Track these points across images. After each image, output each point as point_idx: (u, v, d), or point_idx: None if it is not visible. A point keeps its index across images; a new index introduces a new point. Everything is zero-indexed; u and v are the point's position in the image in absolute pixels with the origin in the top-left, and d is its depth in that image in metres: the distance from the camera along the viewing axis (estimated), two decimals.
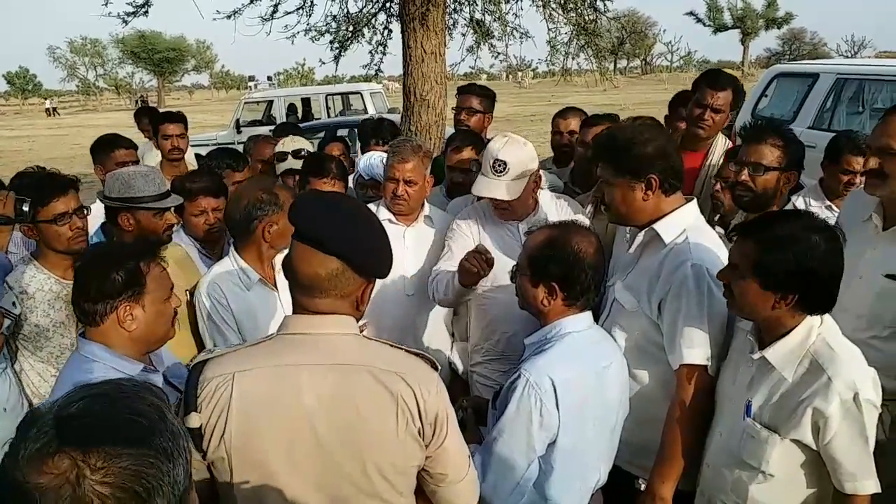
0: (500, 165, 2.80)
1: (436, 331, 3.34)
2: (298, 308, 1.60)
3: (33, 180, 2.69)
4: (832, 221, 2.20)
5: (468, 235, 3.06)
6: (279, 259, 2.69)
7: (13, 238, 3.30)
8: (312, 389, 1.51)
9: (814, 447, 1.91)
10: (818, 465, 1.94)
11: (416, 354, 1.67)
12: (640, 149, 2.21)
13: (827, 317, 1.98)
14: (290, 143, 4.20)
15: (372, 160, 3.77)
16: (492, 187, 2.83)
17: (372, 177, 3.73)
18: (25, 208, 2.39)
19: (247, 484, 1.52)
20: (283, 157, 4.09)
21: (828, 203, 3.76)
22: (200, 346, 2.87)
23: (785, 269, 1.84)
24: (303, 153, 4.09)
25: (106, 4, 7.19)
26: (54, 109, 55.45)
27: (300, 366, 1.53)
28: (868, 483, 1.88)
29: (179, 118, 4.79)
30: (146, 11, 7.61)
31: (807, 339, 1.93)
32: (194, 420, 1.49)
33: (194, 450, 1.50)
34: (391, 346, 1.68)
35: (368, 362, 1.56)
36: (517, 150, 2.86)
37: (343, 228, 1.56)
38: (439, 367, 1.69)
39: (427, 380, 1.60)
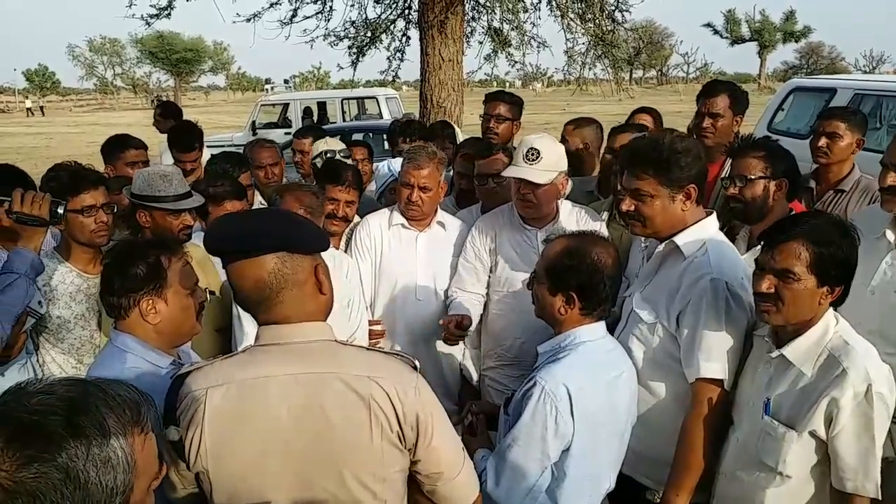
0: (533, 153, 2.87)
1: None
2: (267, 321, 1.57)
3: (67, 173, 2.76)
4: None
5: (481, 250, 3.13)
6: None
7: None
8: (282, 401, 1.50)
9: (824, 440, 1.95)
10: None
11: (395, 355, 1.64)
12: (686, 158, 2.23)
13: (841, 318, 2.04)
14: (333, 143, 4.28)
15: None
16: (523, 172, 2.89)
17: None
18: (60, 211, 2.44)
19: (224, 498, 1.53)
20: (328, 155, 4.15)
21: None
22: (223, 343, 2.92)
23: (839, 261, 1.91)
24: (340, 153, 4.15)
25: (130, 6, 7.29)
26: (41, 109, 50.19)
27: (269, 378, 1.51)
28: (869, 486, 1.90)
29: (194, 145, 4.53)
30: (169, 14, 7.71)
31: (824, 337, 1.98)
32: (173, 434, 1.51)
33: (178, 461, 1.54)
34: (367, 349, 1.67)
35: (340, 369, 1.53)
36: (551, 143, 2.96)
37: (257, 228, 1.55)
38: (418, 366, 1.65)
39: (405, 381, 1.56)
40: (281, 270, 1.52)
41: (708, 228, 2.34)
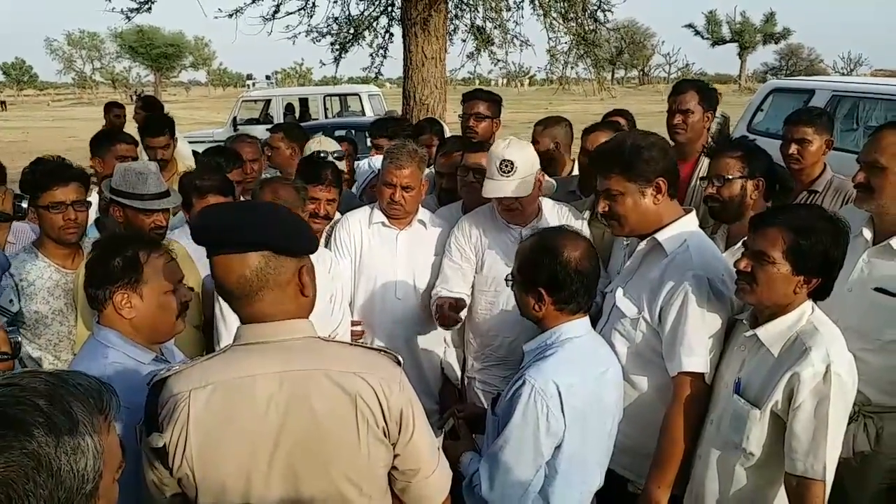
0: (507, 165, 2.85)
1: (428, 335, 3.35)
2: (247, 318, 1.56)
3: (41, 168, 2.74)
4: None
5: (466, 249, 3.11)
6: None
7: (16, 229, 3.33)
8: (267, 399, 1.49)
9: (784, 417, 2.00)
10: None
11: (378, 351, 1.65)
12: (648, 152, 2.28)
13: (818, 309, 2.10)
14: (326, 143, 4.29)
15: None
16: (502, 187, 2.87)
17: None
18: (24, 205, 2.40)
19: (211, 500, 1.52)
20: (322, 155, 4.16)
21: None
22: (203, 341, 2.91)
23: (819, 253, 1.97)
24: (334, 155, 4.16)
25: (110, 0, 7.21)
26: (3, 103, 46.55)
27: (254, 376, 1.49)
28: (818, 467, 1.94)
29: (163, 130, 4.57)
30: (149, 8, 7.64)
31: (797, 323, 2.05)
32: (157, 440, 1.49)
33: (162, 468, 1.52)
34: (350, 345, 1.66)
35: (324, 365, 1.53)
36: (522, 149, 2.93)
37: (249, 221, 1.54)
38: (402, 362, 1.66)
39: (389, 377, 1.57)
40: (264, 270, 1.50)
41: (688, 226, 2.38)
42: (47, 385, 1.03)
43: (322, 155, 4.14)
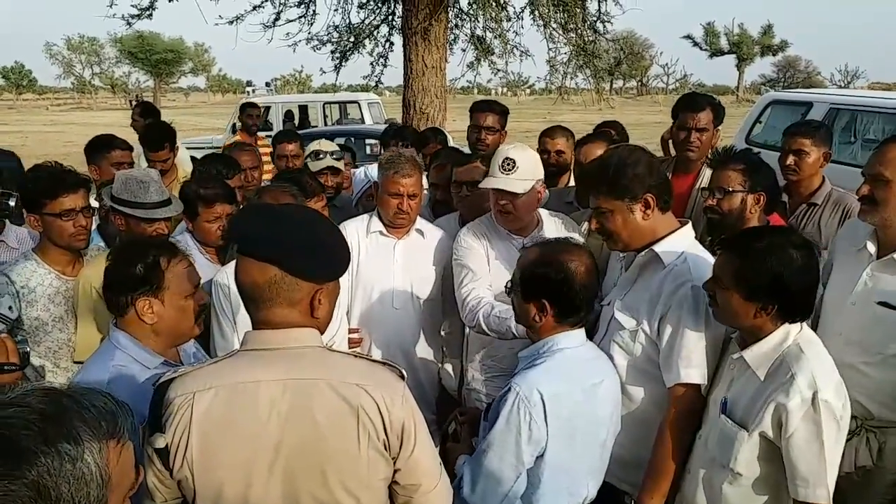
0: (509, 163, 2.86)
1: (426, 346, 3.34)
2: (256, 324, 1.58)
3: (47, 174, 2.73)
4: None
5: (480, 251, 3.05)
6: None
7: (19, 236, 3.31)
8: (270, 406, 1.50)
9: (777, 443, 1.98)
10: (782, 467, 2.00)
11: (383, 364, 1.65)
12: (633, 169, 2.28)
13: (806, 326, 2.08)
14: (326, 144, 4.29)
15: None
16: (500, 182, 2.87)
17: None
18: (11, 203, 2.37)
19: (208, 503, 1.52)
20: (320, 155, 4.15)
21: None
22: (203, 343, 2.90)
23: (764, 280, 1.95)
24: (333, 156, 4.16)
25: (111, 5, 7.21)
26: None
27: (258, 382, 1.50)
28: (820, 492, 1.93)
29: (163, 144, 4.53)
30: (150, 14, 7.64)
31: (782, 343, 2.03)
32: (159, 441, 1.50)
33: (163, 469, 1.53)
34: (355, 356, 1.66)
35: (328, 375, 1.53)
36: (526, 152, 2.96)
37: (274, 234, 1.52)
38: (405, 376, 1.66)
39: (392, 390, 1.57)
40: (278, 284, 1.51)
41: (685, 238, 2.39)
42: (56, 407, 1.01)
43: (321, 156, 4.15)
